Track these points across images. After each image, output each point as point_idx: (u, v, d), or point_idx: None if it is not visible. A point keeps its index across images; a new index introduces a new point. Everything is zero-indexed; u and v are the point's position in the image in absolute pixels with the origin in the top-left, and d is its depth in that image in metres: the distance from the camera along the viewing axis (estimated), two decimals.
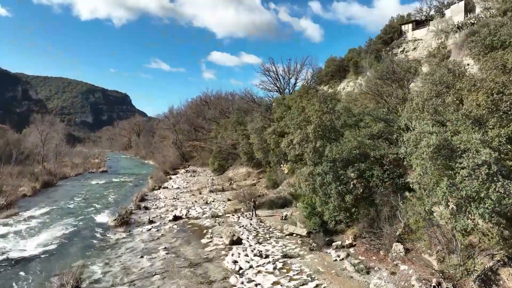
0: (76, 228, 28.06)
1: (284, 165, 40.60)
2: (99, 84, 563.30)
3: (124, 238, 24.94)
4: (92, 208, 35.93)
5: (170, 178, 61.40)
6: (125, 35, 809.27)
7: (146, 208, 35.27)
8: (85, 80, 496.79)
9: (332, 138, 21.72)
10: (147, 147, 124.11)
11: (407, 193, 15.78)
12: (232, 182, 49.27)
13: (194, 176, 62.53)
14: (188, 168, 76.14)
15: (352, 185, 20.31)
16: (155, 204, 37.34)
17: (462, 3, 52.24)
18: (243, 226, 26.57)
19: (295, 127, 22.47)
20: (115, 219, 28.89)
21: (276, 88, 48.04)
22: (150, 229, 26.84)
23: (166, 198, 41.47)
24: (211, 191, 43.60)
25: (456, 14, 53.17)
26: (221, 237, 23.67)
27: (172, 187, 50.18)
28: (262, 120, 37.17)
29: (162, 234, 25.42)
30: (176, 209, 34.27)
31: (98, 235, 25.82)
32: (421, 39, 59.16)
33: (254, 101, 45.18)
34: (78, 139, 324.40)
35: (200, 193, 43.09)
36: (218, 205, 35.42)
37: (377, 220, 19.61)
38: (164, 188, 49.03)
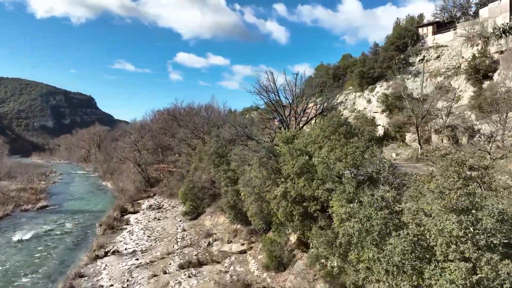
0: None
1: (293, 232, 27.10)
2: (61, 86, 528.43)
3: None
4: None
5: (127, 223, 46.62)
6: (85, 34, 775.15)
7: None
8: (45, 81, 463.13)
9: None
10: (108, 161, 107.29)
11: None
12: (211, 241, 35.26)
13: (159, 219, 47.81)
14: (153, 201, 61.20)
15: None
16: None
17: (506, 1, 40.77)
18: None
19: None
20: None
21: (276, 114, 33.97)
22: None
23: (111, 285, 26.97)
24: (181, 267, 29.31)
25: (497, 14, 41.65)
26: None
27: (125, 249, 35.44)
28: (262, 171, 23.47)
29: None
30: None
31: None
32: (445, 46, 47.44)
33: (247, 136, 31.13)
34: (36, 146, 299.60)
35: (165, 272, 28.74)
36: None
37: None
38: (113, 253, 34.27)
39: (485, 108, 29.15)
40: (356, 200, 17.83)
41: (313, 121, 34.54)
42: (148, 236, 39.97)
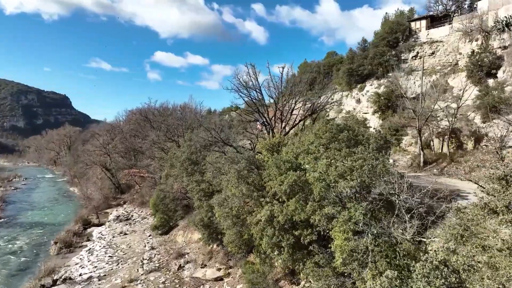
0: None
1: (278, 256, 22.31)
2: (33, 84, 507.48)
3: None
4: None
5: (89, 239, 40.92)
6: (58, 32, 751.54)
7: None
8: (16, 80, 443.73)
9: None
10: (78, 164, 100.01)
11: None
12: (182, 263, 30.13)
13: (126, 233, 42.28)
14: (122, 211, 55.47)
15: None
16: None
17: None
18: None
19: None
20: None
21: (259, 115, 28.82)
22: None
23: None
24: None
25: (498, 6, 38.18)
26: None
27: (80, 275, 29.86)
28: (241, 186, 18.60)
29: None
30: None
31: None
32: (441, 41, 43.75)
33: (223, 142, 26.07)
34: (5, 147, 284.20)
35: None
36: None
37: None
38: (64, 281, 28.69)
39: (503, 109, 25.17)
40: (367, 232, 13.31)
41: (300, 124, 29.93)
42: (110, 256, 34.47)
